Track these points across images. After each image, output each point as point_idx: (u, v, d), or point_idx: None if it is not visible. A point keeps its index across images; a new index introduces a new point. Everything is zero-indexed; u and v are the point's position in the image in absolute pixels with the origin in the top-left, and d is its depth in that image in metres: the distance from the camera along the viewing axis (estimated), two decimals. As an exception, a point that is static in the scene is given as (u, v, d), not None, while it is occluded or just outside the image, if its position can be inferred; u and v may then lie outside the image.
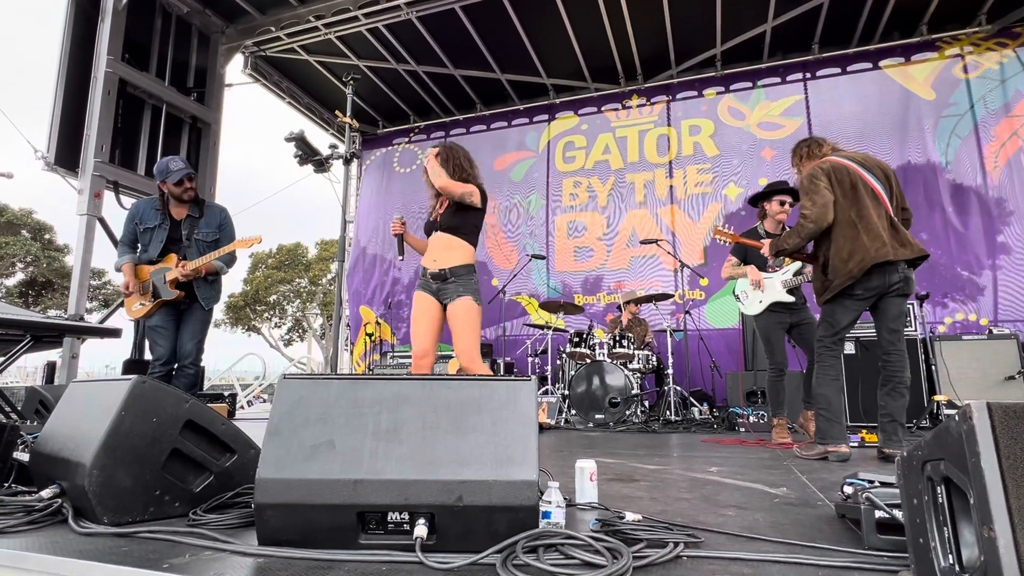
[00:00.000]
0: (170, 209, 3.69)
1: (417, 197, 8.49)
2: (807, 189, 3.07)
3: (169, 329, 3.65)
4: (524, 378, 1.48)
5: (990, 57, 6.26)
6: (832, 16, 6.32)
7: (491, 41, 6.95)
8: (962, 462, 0.83)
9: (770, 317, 3.90)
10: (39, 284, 19.78)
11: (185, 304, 3.67)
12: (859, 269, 2.90)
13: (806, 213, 3.03)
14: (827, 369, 3.10)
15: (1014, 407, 0.79)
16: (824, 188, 3.02)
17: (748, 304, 4.03)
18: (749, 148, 7.01)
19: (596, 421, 5.04)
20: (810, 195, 3.03)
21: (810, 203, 3.02)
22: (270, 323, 23.98)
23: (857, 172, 3.04)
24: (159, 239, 3.65)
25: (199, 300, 3.67)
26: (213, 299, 3.77)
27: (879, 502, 1.32)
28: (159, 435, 1.65)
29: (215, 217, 3.76)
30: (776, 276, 3.91)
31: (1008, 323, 5.65)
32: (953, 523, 0.90)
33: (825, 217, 2.98)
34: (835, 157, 3.16)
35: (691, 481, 2.39)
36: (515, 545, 1.24)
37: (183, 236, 3.66)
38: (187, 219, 3.69)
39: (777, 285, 3.89)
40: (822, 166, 3.11)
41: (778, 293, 3.86)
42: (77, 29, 5.49)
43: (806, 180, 3.10)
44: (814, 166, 3.15)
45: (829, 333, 3.10)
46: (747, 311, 4.08)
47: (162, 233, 3.65)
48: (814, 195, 3.02)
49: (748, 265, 4.00)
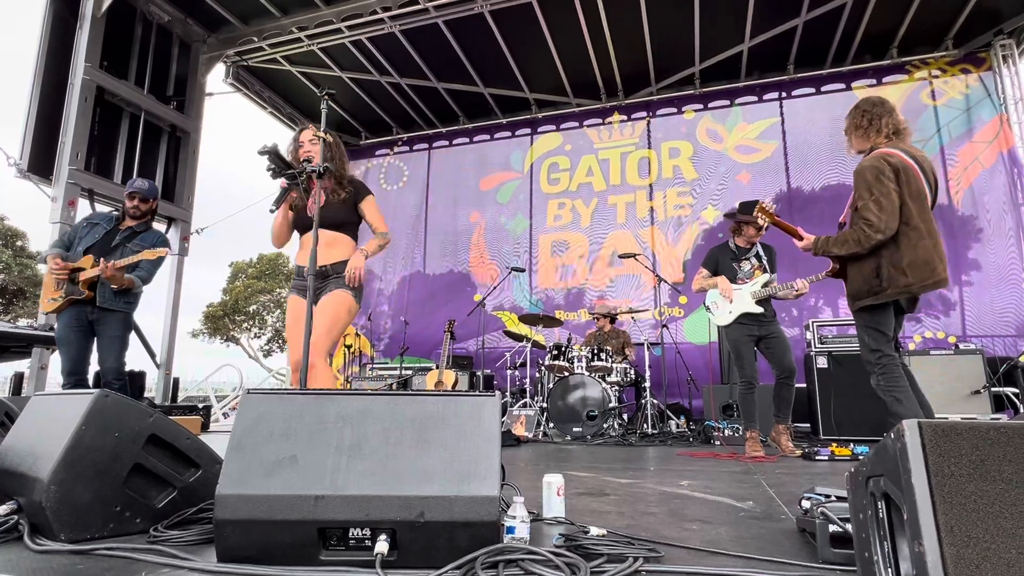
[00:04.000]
0: (121, 223, 3.73)
1: (402, 214, 8.51)
2: (871, 185, 2.62)
3: (74, 341, 3.52)
4: (488, 394, 1.49)
5: (955, 85, 6.49)
6: (807, 37, 6.51)
7: (474, 55, 7.02)
8: (898, 479, 0.85)
9: (739, 329, 4.02)
10: (10, 292, 19.30)
11: (95, 313, 3.54)
12: (920, 286, 2.57)
13: (872, 220, 2.57)
14: (896, 381, 2.62)
15: (943, 426, 0.82)
16: (893, 190, 2.60)
17: (718, 314, 4.16)
18: (726, 171, 7.16)
19: (574, 434, 5.04)
20: (876, 197, 2.59)
21: (877, 209, 2.58)
22: (249, 333, 23.66)
23: (919, 177, 2.65)
24: (90, 239, 3.62)
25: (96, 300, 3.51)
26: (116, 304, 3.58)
27: (833, 516, 1.36)
28: (121, 450, 1.63)
29: (152, 238, 3.74)
30: (745, 288, 4.05)
31: (975, 339, 5.80)
32: (892, 538, 0.93)
33: (893, 227, 2.58)
34: (898, 152, 2.70)
35: (660, 495, 2.41)
36: (475, 561, 1.25)
37: (115, 241, 3.63)
38: (128, 230, 3.70)
39: (746, 296, 4.02)
40: (889, 159, 2.66)
41: (747, 304, 4.00)
42: (54, 35, 5.43)
43: (870, 174, 2.64)
44: (879, 157, 2.68)
45: (883, 341, 2.69)
46: (717, 321, 4.21)
47: (96, 234, 3.64)
48: (882, 198, 2.59)
49: (718, 276, 4.15)
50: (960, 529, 0.77)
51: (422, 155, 8.70)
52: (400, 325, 7.57)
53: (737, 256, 4.18)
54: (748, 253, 4.16)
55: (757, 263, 4.13)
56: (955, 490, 0.79)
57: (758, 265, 4.12)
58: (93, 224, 3.73)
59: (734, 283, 4.09)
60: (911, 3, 5.95)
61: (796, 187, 6.79)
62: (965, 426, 0.83)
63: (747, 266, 4.14)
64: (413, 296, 8.21)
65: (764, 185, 6.93)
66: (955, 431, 0.83)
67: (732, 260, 4.18)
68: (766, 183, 6.93)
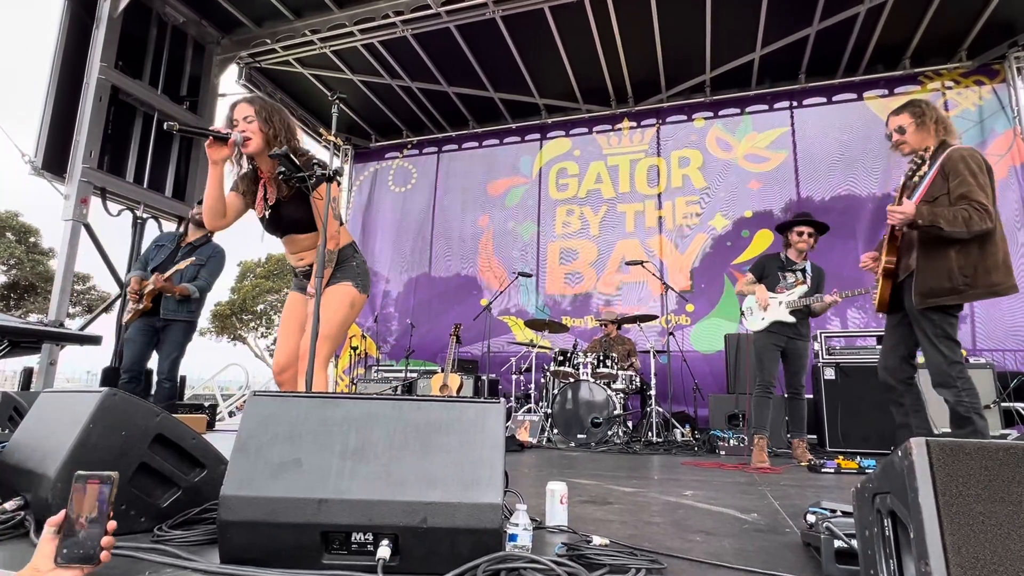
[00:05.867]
0: (183, 239, 4.27)
1: (410, 216, 8.54)
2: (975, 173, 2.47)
3: (136, 342, 4.07)
4: (493, 400, 1.49)
5: (968, 96, 6.44)
6: (818, 47, 6.48)
7: (485, 60, 7.04)
8: (905, 497, 0.85)
9: (768, 336, 4.08)
10: (22, 287, 19.52)
11: (161, 322, 4.07)
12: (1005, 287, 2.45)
13: (987, 205, 2.41)
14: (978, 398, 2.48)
15: (951, 444, 0.82)
16: (988, 184, 2.49)
17: (752, 320, 4.24)
18: (736, 180, 7.13)
19: (578, 441, 5.03)
20: (982, 185, 2.45)
21: (985, 197, 2.44)
22: (256, 332, 23.79)
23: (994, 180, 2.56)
24: (157, 259, 4.22)
25: (160, 312, 4.05)
26: (179, 313, 4.09)
27: (838, 532, 1.34)
28: (127, 448, 1.64)
29: (208, 250, 4.24)
30: (782, 296, 4.11)
31: (985, 352, 5.74)
32: (898, 556, 0.92)
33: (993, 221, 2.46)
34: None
35: (664, 505, 2.40)
36: (476, 569, 1.24)
37: (177, 258, 4.16)
38: (188, 245, 4.22)
39: (781, 305, 4.07)
40: (983, 155, 2.57)
41: (781, 313, 4.06)
42: (71, 35, 5.49)
43: (973, 163, 2.51)
44: (975, 150, 2.59)
45: (958, 352, 2.53)
46: (750, 326, 4.29)
47: (162, 254, 4.23)
48: (985, 188, 2.45)
49: (759, 284, 4.21)
50: (967, 551, 0.76)
51: (431, 158, 8.72)
52: (406, 328, 7.58)
53: (785, 267, 4.22)
54: (796, 267, 4.19)
55: (801, 277, 4.16)
56: (963, 510, 0.78)
57: (802, 280, 4.15)
58: (159, 245, 4.35)
59: (775, 292, 4.14)
60: (925, 14, 5.92)
61: (806, 196, 6.75)
62: (974, 445, 0.82)
63: (791, 278, 4.18)
64: (420, 298, 8.22)
65: (774, 194, 6.90)
66: (964, 450, 0.82)
67: (779, 270, 4.22)
68: (776, 192, 6.90)
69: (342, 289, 2.39)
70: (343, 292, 2.39)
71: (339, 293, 2.38)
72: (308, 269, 2.42)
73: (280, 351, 2.45)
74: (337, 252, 2.40)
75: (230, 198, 2.36)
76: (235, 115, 2.27)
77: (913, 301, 2.59)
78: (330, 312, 2.29)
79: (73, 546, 1.06)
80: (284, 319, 2.52)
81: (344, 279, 2.40)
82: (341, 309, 2.37)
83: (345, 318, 2.40)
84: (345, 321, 2.41)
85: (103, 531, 1.08)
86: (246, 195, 2.41)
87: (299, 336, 2.41)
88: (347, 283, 2.40)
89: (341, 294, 2.38)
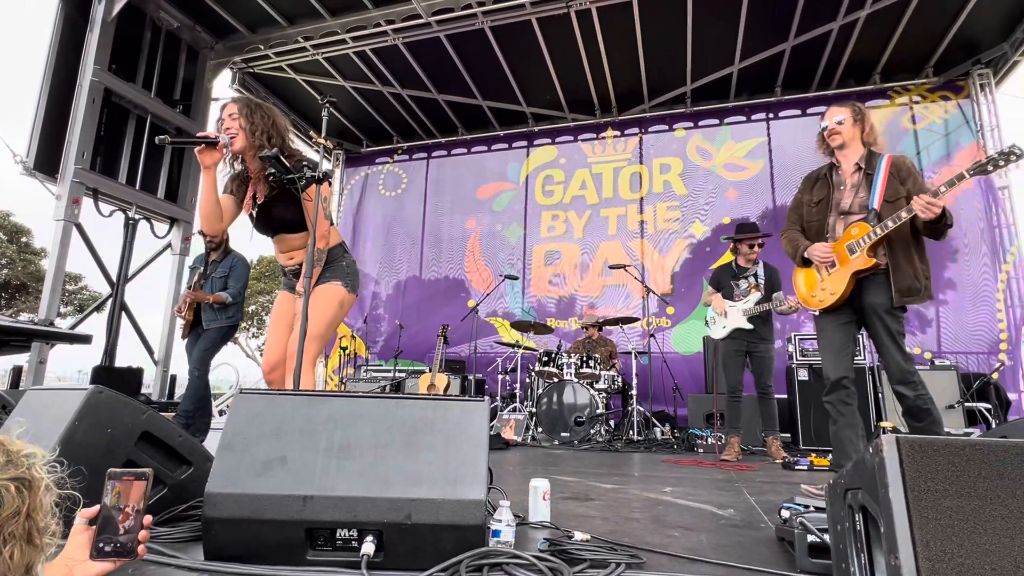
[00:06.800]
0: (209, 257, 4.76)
1: (399, 219, 8.67)
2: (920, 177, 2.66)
3: (188, 351, 4.62)
4: (477, 399, 1.51)
5: (935, 110, 6.73)
6: (794, 62, 6.74)
7: (474, 69, 7.20)
8: (875, 492, 0.87)
9: (730, 343, 4.33)
10: (13, 287, 19.26)
11: (200, 328, 4.58)
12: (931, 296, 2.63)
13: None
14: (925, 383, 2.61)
15: (920, 441, 0.85)
16: None
17: (714, 329, 4.49)
18: (714, 188, 7.37)
19: (561, 439, 5.17)
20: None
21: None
22: (247, 333, 23.66)
23: None
24: (192, 278, 4.77)
25: (202, 323, 4.56)
26: (217, 321, 4.57)
27: (811, 527, 1.38)
28: (113, 446, 1.63)
29: (228, 262, 4.71)
30: (739, 304, 4.34)
31: (949, 355, 5.99)
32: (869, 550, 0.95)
33: None
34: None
35: (644, 501, 2.45)
36: (459, 564, 1.27)
37: (207, 275, 4.68)
38: (213, 262, 4.71)
39: (739, 313, 4.30)
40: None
41: (739, 320, 4.29)
42: (65, 37, 5.53)
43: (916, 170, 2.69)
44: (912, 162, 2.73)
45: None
46: (714, 335, 4.51)
47: (194, 276, 4.75)
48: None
49: (717, 293, 4.48)
50: (936, 544, 0.78)
51: (421, 164, 8.87)
52: (395, 328, 7.69)
53: (736, 275, 4.46)
54: (747, 272, 4.42)
55: (754, 282, 4.37)
56: (931, 505, 0.80)
57: (754, 284, 4.36)
58: (193, 268, 4.87)
59: (731, 300, 4.38)
60: (894, 32, 6.20)
61: (781, 205, 6.98)
62: (942, 442, 0.84)
63: (744, 284, 4.40)
64: (408, 300, 8.34)
65: (751, 203, 7.14)
66: (932, 447, 0.84)
67: (732, 279, 4.46)
68: (753, 201, 7.15)
69: (331, 288, 2.39)
70: (332, 291, 2.39)
71: (328, 292, 2.38)
72: (298, 268, 2.42)
73: (270, 350, 2.45)
74: (327, 251, 2.41)
75: (224, 201, 2.37)
76: (223, 115, 2.31)
77: (892, 298, 2.56)
78: (319, 311, 2.29)
79: (110, 540, 1.05)
80: (274, 318, 2.53)
81: (333, 278, 2.40)
82: (330, 308, 2.37)
83: (334, 317, 2.40)
84: (334, 320, 2.41)
85: (140, 525, 1.07)
86: (236, 195, 2.43)
87: (288, 335, 2.41)
88: (336, 282, 2.40)
89: (330, 293, 2.38)
